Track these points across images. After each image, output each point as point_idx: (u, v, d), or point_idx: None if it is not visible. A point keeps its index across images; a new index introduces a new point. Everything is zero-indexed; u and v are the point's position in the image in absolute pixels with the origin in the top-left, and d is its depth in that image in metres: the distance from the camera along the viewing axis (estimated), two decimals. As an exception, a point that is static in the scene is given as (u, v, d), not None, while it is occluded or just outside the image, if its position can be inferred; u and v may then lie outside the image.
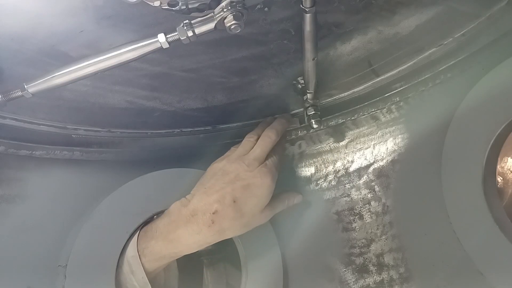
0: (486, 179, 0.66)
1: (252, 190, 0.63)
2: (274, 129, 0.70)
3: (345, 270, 0.77)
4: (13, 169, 0.63)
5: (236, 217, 0.62)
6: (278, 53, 0.65)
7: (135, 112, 0.69)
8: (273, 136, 0.69)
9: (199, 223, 0.61)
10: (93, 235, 0.64)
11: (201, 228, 0.61)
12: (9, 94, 0.52)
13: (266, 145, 0.67)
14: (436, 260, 0.71)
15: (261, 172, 0.64)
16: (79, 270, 0.62)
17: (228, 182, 0.63)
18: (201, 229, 0.61)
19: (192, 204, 0.63)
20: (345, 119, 0.80)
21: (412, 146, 0.76)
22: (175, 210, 0.64)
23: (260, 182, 0.63)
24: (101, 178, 0.70)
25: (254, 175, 0.63)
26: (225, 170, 0.65)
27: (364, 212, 0.78)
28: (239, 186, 0.63)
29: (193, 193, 0.66)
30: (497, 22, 0.64)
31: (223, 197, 0.62)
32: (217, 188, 0.63)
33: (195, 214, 0.62)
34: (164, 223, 0.64)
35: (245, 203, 0.63)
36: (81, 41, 0.53)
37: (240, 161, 0.65)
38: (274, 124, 0.72)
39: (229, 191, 0.62)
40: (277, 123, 0.72)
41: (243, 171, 0.64)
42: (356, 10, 0.60)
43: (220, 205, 0.61)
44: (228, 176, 0.64)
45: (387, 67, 0.73)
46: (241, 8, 0.48)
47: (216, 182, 0.64)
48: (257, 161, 0.65)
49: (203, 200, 0.62)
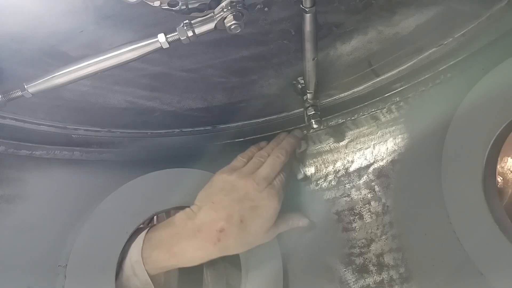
0: (486, 179, 0.65)
1: (260, 211, 0.64)
2: (284, 149, 0.71)
3: (345, 270, 0.78)
4: (13, 169, 0.63)
5: (242, 237, 0.63)
6: (278, 53, 0.65)
7: (135, 112, 0.69)
8: (283, 157, 0.70)
9: (205, 239, 0.61)
10: (93, 235, 0.64)
11: (206, 245, 0.61)
12: (9, 94, 0.52)
13: (275, 165, 0.68)
14: (436, 260, 0.71)
15: (269, 194, 0.64)
16: (79, 270, 0.62)
17: (237, 200, 0.63)
18: (207, 246, 0.61)
19: (198, 218, 0.63)
20: (345, 119, 0.80)
21: (412, 146, 0.76)
22: (180, 221, 0.64)
23: (267, 204, 0.64)
24: (101, 178, 0.70)
25: (263, 197, 0.64)
26: (234, 186, 0.65)
27: (364, 212, 0.79)
28: (247, 206, 0.63)
29: (199, 205, 0.65)
30: (497, 22, 0.64)
31: (231, 216, 0.62)
32: (225, 204, 0.63)
33: (201, 229, 0.62)
34: (169, 234, 0.63)
35: (251, 223, 0.63)
36: (81, 41, 0.53)
37: (251, 179, 0.65)
38: (284, 145, 0.73)
39: (237, 210, 0.62)
40: (287, 144, 0.73)
41: (252, 190, 0.64)
42: (356, 10, 0.60)
43: (227, 224, 0.61)
44: (237, 193, 0.64)
45: (387, 67, 0.73)
46: (241, 8, 0.48)
47: (224, 198, 0.64)
48: (266, 181, 0.66)
49: (210, 216, 0.62)
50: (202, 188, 0.69)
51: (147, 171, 0.72)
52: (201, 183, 0.75)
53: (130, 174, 0.71)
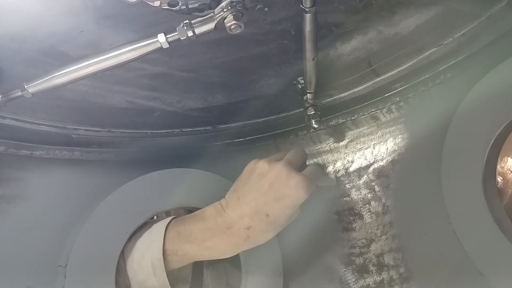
0: (486, 179, 0.65)
1: (286, 202, 0.61)
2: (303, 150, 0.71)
3: (345, 270, 0.77)
4: (13, 169, 0.63)
5: (269, 230, 0.62)
6: (278, 53, 0.65)
7: (135, 112, 0.69)
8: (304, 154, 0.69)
9: (235, 236, 0.61)
10: (93, 235, 0.64)
11: (237, 241, 0.62)
12: (9, 94, 0.52)
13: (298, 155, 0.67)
14: (436, 260, 0.71)
15: (296, 181, 0.61)
16: (79, 270, 0.62)
17: (260, 193, 0.61)
18: (237, 242, 0.62)
19: (227, 215, 0.62)
20: (345, 119, 0.80)
21: (412, 146, 0.76)
22: (211, 217, 0.64)
23: (294, 194, 0.61)
24: (101, 178, 0.70)
25: (290, 185, 0.61)
26: (259, 174, 0.63)
27: (364, 212, 0.79)
28: (272, 198, 0.61)
29: (227, 199, 0.65)
30: (497, 22, 0.64)
31: (256, 212, 0.61)
32: (249, 199, 0.62)
33: (231, 227, 0.61)
34: (200, 229, 0.63)
35: (278, 216, 0.61)
36: (81, 41, 0.53)
37: (276, 166, 0.62)
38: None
39: (261, 205, 0.61)
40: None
41: (279, 176, 0.61)
42: (356, 10, 0.60)
43: (253, 221, 0.61)
44: (261, 183, 0.62)
45: (387, 67, 0.73)
46: (241, 8, 0.48)
47: (249, 192, 0.62)
48: (294, 167, 0.63)
49: (237, 213, 0.62)
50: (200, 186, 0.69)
51: (147, 171, 0.72)
52: (201, 183, 0.75)
53: (130, 174, 0.71)
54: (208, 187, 0.75)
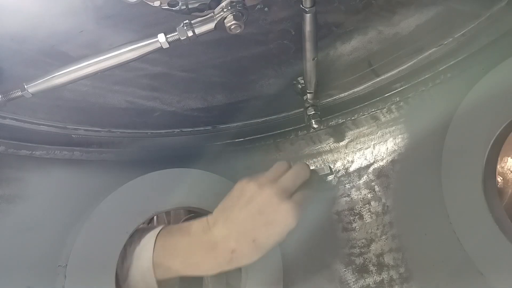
0: (486, 179, 0.66)
1: (274, 228, 0.60)
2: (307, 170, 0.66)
3: (345, 270, 0.78)
4: (13, 169, 0.63)
5: (254, 254, 0.61)
6: (278, 53, 0.65)
7: (135, 112, 0.69)
8: (304, 171, 0.65)
9: (219, 257, 0.60)
10: (93, 235, 0.64)
11: (220, 262, 0.61)
12: (9, 94, 0.52)
13: (297, 178, 0.64)
14: (436, 260, 0.71)
15: (287, 208, 0.60)
16: (79, 270, 0.62)
17: (251, 215, 0.60)
18: (220, 262, 0.61)
19: (212, 234, 0.61)
20: (345, 119, 0.80)
21: (412, 146, 0.76)
22: (196, 233, 0.63)
23: (283, 221, 0.60)
24: (101, 178, 0.70)
25: (280, 211, 0.60)
26: (251, 197, 0.62)
27: (364, 212, 0.79)
28: (261, 223, 0.60)
29: (215, 217, 0.63)
30: (497, 22, 0.64)
31: (242, 236, 0.60)
32: (238, 221, 0.61)
33: (215, 247, 0.61)
34: (184, 244, 0.63)
35: (264, 241, 0.61)
36: (81, 41, 0.53)
37: (269, 189, 0.61)
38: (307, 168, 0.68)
39: (249, 229, 0.60)
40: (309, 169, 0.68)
41: (269, 201, 0.60)
42: (356, 10, 0.60)
43: (238, 244, 0.60)
44: (252, 207, 0.61)
45: (387, 67, 0.73)
46: (241, 8, 0.48)
47: (238, 214, 0.61)
48: (286, 192, 0.61)
49: (223, 233, 0.61)
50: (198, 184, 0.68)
51: (147, 171, 0.72)
52: (201, 183, 0.75)
53: (130, 174, 0.71)
54: (208, 187, 0.75)
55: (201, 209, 0.74)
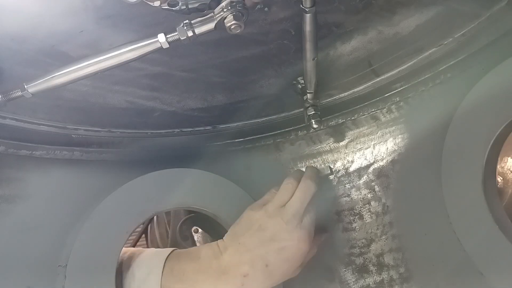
0: (486, 179, 0.65)
1: (287, 254, 0.61)
2: (313, 179, 0.67)
3: (345, 270, 0.78)
4: (13, 169, 0.63)
5: (267, 280, 0.61)
6: (278, 53, 0.65)
7: (135, 112, 0.69)
8: (313, 187, 0.66)
9: (229, 283, 0.60)
10: (93, 235, 0.64)
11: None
12: (9, 94, 0.52)
13: (306, 197, 0.64)
14: (436, 260, 0.71)
15: (299, 235, 0.61)
16: (79, 270, 0.62)
17: (263, 241, 0.61)
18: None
19: (223, 259, 0.61)
20: (345, 119, 0.80)
21: (412, 146, 0.76)
22: (206, 258, 0.63)
23: (296, 247, 0.61)
24: (101, 178, 0.70)
25: (292, 238, 0.61)
26: (261, 225, 0.62)
27: (364, 212, 0.78)
28: (274, 249, 0.60)
29: (226, 243, 0.63)
30: (497, 22, 0.64)
31: (255, 261, 0.60)
32: (251, 246, 0.61)
33: (226, 272, 0.60)
34: (193, 270, 0.62)
35: (277, 267, 0.61)
36: (81, 41, 0.53)
37: (279, 217, 0.62)
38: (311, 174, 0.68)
39: (262, 254, 0.60)
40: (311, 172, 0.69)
41: (280, 230, 0.61)
42: (356, 10, 0.60)
43: (251, 269, 0.60)
44: (264, 233, 0.61)
45: (387, 67, 0.73)
46: (241, 8, 0.48)
47: (250, 239, 0.62)
48: (296, 218, 0.62)
49: (235, 259, 0.61)
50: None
51: (147, 171, 0.72)
52: (201, 183, 0.75)
53: (130, 174, 0.71)
54: (208, 187, 0.75)
55: (201, 209, 0.74)
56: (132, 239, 1.25)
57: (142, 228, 1.20)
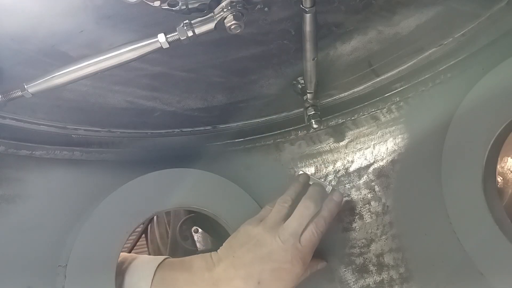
0: (486, 179, 0.65)
1: (281, 274, 0.61)
2: (313, 200, 0.66)
3: (345, 270, 0.78)
4: (13, 169, 0.63)
5: None
6: (278, 53, 0.65)
7: (135, 112, 0.69)
8: (312, 208, 0.65)
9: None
10: (93, 235, 0.64)
11: None
12: (9, 94, 0.52)
13: (303, 218, 0.64)
14: (436, 260, 0.71)
15: (294, 257, 0.61)
16: (79, 270, 0.62)
17: (258, 258, 0.61)
18: None
19: (216, 272, 0.61)
20: (345, 119, 0.80)
21: (412, 146, 0.76)
22: (198, 269, 0.62)
23: (290, 268, 0.61)
24: (101, 178, 0.70)
25: (287, 259, 0.60)
26: (258, 241, 0.62)
27: (364, 212, 0.79)
28: (268, 268, 0.60)
29: (220, 255, 0.63)
30: (497, 22, 0.64)
31: (249, 277, 0.60)
32: (246, 261, 0.61)
33: (217, 285, 0.60)
34: (185, 280, 0.62)
35: (269, 286, 0.60)
36: (81, 41, 0.53)
37: (275, 235, 0.61)
38: (313, 193, 0.68)
39: (256, 271, 0.60)
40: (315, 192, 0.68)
41: (277, 248, 0.61)
42: (356, 10, 0.60)
43: (243, 285, 0.60)
44: (260, 250, 0.61)
45: (387, 67, 0.73)
46: (241, 8, 0.48)
47: (246, 254, 0.61)
48: (293, 237, 0.62)
49: (228, 273, 0.60)
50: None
51: (147, 171, 0.72)
52: (201, 183, 0.75)
53: (130, 174, 0.71)
54: (208, 187, 0.75)
55: (201, 209, 0.74)
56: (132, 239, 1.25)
57: (142, 228, 1.20)
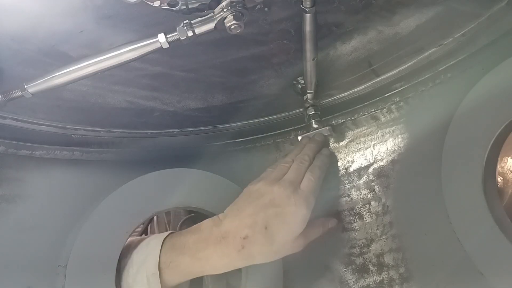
0: (486, 179, 0.65)
1: (286, 218, 0.61)
2: (307, 155, 0.69)
3: (345, 270, 0.78)
4: (13, 169, 0.63)
5: (267, 244, 0.61)
6: (278, 53, 0.65)
7: (135, 112, 0.69)
8: (306, 162, 0.68)
9: (229, 246, 0.60)
10: (93, 235, 0.64)
11: (230, 252, 0.60)
12: (9, 94, 0.52)
13: (300, 170, 0.66)
14: (436, 260, 0.71)
15: (296, 200, 0.62)
16: (79, 270, 0.62)
17: (261, 206, 0.62)
18: (231, 252, 0.60)
19: (224, 225, 0.62)
20: (345, 119, 0.81)
21: (412, 146, 0.76)
22: (206, 228, 0.63)
23: (294, 210, 0.62)
24: (101, 178, 0.70)
25: (289, 203, 0.62)
26: (260, 192, 0.63)
27: (364, 212, 0.79)
28: (272, 212, 0.61)
29: (226, 213, 0.64)
30: (497, 22, 0.64)
31: (255, 223, 0.61)
32: (250, 211, 0.62)
33: (226, 236, 0.61)
34: (194, 240, 0.63)
35: (277, 230, 0.61)
36: (81, 41, 0.53)
37: (276, 184, 0.63)
38: (307, 150, 0.71)
39: (261, 217, 0.61)
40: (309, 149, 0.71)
41: (278, 195, 0.62)
42: (356, 10, 0.60)
43: (251, 231, 0.60)
44: (263, 199, 0.62)
45: (387, 67, 0.73)
46: (241, 8, 0.48)
47: (249, 205, 0.63)
48: (293, 184, 0.63)
49: (235, 223, 0.62)
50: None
51: (147, 171, 0.72)
52: (201, 183, 0.75)
53: (130, 174, 0.71)
54: (208, 187, 0.75)
55: (201, 209, 0.74)
56: (132, 239, 1.24)
57: (142, 228, 1.19)
